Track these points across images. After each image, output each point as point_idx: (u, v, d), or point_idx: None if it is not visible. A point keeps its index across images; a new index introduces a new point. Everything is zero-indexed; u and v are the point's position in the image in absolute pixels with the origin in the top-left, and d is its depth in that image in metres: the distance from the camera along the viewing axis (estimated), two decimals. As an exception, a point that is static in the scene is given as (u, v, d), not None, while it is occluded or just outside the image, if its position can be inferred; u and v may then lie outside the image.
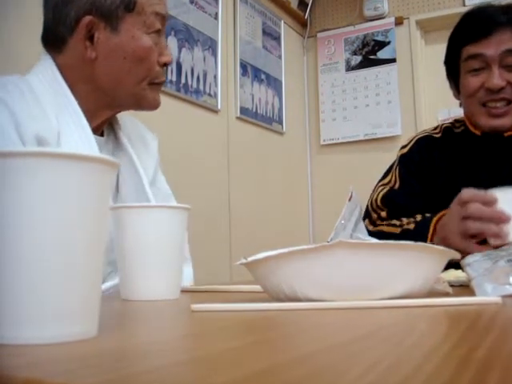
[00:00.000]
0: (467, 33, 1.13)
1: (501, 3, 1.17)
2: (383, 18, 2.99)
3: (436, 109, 2.80)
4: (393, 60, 2.95)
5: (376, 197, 1.19)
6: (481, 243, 0.92)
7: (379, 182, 1.24)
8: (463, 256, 0.61)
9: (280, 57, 2.92)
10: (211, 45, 2.31)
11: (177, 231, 0.66)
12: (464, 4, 2.74)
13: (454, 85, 1.21)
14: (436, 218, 1.04)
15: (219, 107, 2.34)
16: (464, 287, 0.67)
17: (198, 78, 2.21)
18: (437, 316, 0.46)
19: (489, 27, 1.09)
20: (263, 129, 2.71)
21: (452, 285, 0.66)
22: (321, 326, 0.42)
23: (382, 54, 2.99)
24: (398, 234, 1.09)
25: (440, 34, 2.74)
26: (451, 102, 1.33)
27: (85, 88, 0.89)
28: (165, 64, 0.93)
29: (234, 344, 0.34)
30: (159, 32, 0.91)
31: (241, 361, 0.28)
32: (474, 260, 0.60)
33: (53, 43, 0.90)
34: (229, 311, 0.50)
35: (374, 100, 2.98)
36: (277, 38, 2.90)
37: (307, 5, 3.15)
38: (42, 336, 0.33)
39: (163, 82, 0.95)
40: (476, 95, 1.12)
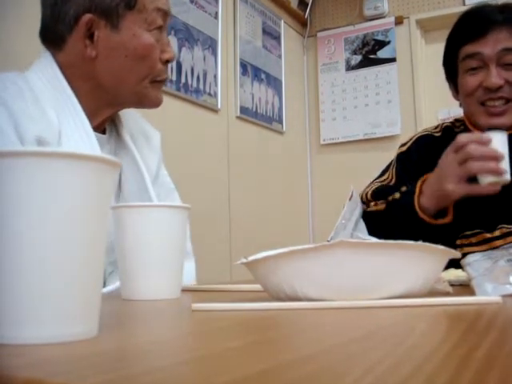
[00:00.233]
0: (464, 33, 1.13)
1: (497, 2, 1.17)
2: (383, 18, 2.99)
3: (436, 108, 2.80)
4: (393, 59, 2.95)
5: (368, 190, 1.19)
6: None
7: (375, 180, 1.24)
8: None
9: (280, 56, 2.92)
10: (211, 44, 2.31)
11: (177, 231, 0.66)
12: (464, 3, 2.74)
13: (453, 85, 1.21)
14: (421, 180, 1.06)
15: (219, 107, 2.34)
16: (464, 287, 0.67)
17: (198, 78, 2.21)
18: (437, 316, 0.46)
19: (485, 26, 1.09)
20: (263, 128, 2.71)
21: (452, 284, 0.66)
22: (321, 326, 0.42)
23: (382, 54, 2.99)
24: (384, 210, 1.10)
25: (440, 34, 2.73)
26: (451, 102, 1.32)
27: (86, 86, 0.88)
28: (167, 61, 0.91)
29: (235, 344, 0.34)
30: (161, 28, 0.89)
31: (241, 361, 0.28)
32: (474, 260, 0.60)
33: (52, 41, 0.88)
34: (229, 311, 0.50)
35: (374, 99, 2.98)
36: (277, 38, 2.90)
37: (307, 4, 3.14)
38: (42, 336, 0.33)
39: (165, 80, 0.93)
40: (474, 94, 1.12)
